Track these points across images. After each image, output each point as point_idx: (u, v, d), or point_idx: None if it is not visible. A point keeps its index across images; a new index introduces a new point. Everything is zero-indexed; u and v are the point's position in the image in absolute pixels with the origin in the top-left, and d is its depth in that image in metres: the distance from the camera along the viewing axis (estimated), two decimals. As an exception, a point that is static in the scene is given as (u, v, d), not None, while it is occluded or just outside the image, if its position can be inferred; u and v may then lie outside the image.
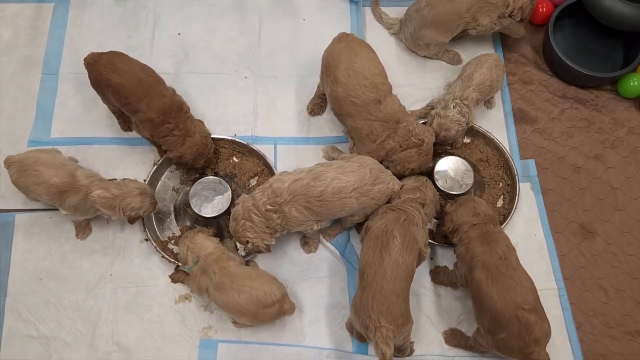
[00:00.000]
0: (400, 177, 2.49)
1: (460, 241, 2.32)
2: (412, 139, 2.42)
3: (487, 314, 2.16)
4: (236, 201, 2.36)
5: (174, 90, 2.49)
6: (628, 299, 2.55)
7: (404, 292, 2.14)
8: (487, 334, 2.19)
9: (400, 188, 2.42)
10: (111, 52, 2.44)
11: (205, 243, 2.32)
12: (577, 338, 2.46)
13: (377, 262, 2.14)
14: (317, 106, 2.80)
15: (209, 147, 2.54)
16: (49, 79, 2.85)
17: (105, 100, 2.53)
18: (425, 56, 2.96)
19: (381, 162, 2.45)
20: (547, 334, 2.11)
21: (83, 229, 2.54)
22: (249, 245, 2.31)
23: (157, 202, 2.46)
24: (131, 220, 2.38)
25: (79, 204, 2.33)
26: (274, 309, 2.23)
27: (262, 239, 2.30)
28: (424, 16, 2.76)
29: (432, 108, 2.67)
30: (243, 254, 2.49)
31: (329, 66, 2.46)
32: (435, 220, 2.61)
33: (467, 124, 2.59)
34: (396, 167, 2.47)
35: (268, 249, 2.33)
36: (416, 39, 2.85)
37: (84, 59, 2.43)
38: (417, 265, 2.28)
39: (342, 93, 2.40)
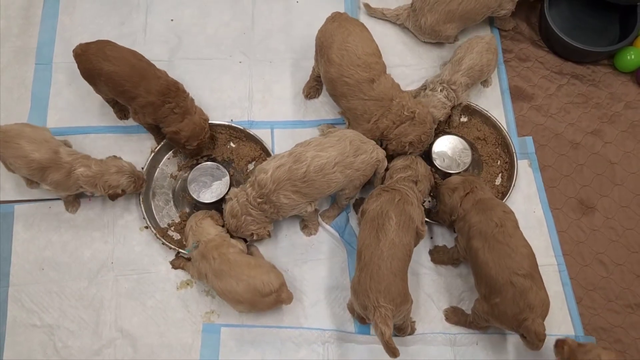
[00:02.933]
0: (395, 155, 2.48)
1: (459, 217, 2.32)
2: (405, 112, 2.39)
3: (483, 281, 2.18)
4: (227, 196, 2.38)
5: (165, 72, 2.48)
6: (627, 272, 2.56)
7: (402, 271, 2.15)
8: (484, 300, 2.20)
9: (389, 168, 2.43)
10: (99, 40, 2.43)
11: (208, 229, 2.33)
12: (577, 312, 2.48)
13: (374, 243, 2.15)
14: (312, 89, 2.78)
15: (206, 130, 2.53)
16: (42, 69, 2.83)
17: (98, 90, 2.52)
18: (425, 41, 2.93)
19: (380, 142, 2.44)
20: (544, 303, 2.10)
21: (72, 203, 2.55)
22: (254, 236, 2.35)
23: (142, 180, 2.47)
24: (111, 197, 2.40)
25: (61, 181, 2.35)
26: (271, 299, 2.24)
27: (264, 227, 2.35)
28: (451, 11, 2.70)
29: (426, 88, 2.66)
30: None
31: (322, 46, 2.45)
32: (433, 198, 2.62)
33: (451, 108, 2.59)
34: (393, 143, 2.44)
35: (270, 235, 2.40)
36: (437, 32, 2.78)
37: (73, 51, 2.42)
38: (415, 244, 2.29)
39: (336, 74, 2.39)
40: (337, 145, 2.26)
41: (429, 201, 2.62)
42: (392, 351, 2.01)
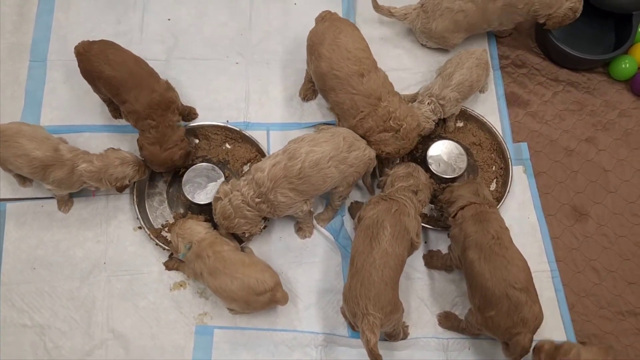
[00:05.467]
0: (383, 161, 2.48)
1: (454, 220, 2.32)
2: (391, 122, 2.38)
3: (478, 292, 2.18)
4: (217, 194, 2.32)
5: (167, 85, 2.45)
6: (619, 279, 2.58)
7: (393, 281, 2.15)
8: (478, 312, 2.20)
9: (390, 175, 2.42)
10: (103, 41, 2.41)
11: (196, 228, 2.31)
12: (569, 319, 2.49)
13: (367, 251, 2.15)
14: (309, 91, 2.78)
15: (161, 167, 2.46)
16: (37, 67, 2.80)
17: (97, 90, 2.50)
18: (424, 45, 2.94)
19: None
20: (537, 317, 2.11)
21: (65, 202, 2.53)
22: (246, 234, 2.34)
23: (144, 167, 2.45)
24: (119, 190, 2.39)
25: (64, 178, 2.33)
26: (266, 297, 2.23)
27: (255, 226, 2.34)
28: (457, 21, 2.72)
29: (414, 100, 2.66)
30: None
31: (313, 45, 2.46)
32: (430, 205, 2.62)
33: (436, 122, 2.61)
34: (372, 148, 2.42)
35: (261, 230, 2.39)
36: (446, 38, 2.80)
37: (75, 48, 2.39)
38: (409, 255, 2.29)
39: (326, 67, 2.39)
40: (330, 141, 2.27)
41: (432, 208, 2.63)
42: (375, 358, 2.00)
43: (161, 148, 2.40)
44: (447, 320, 2.45)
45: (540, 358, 2.11)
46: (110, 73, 2.32)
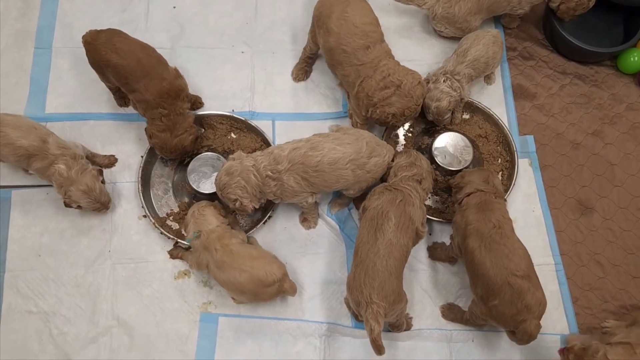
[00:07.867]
0: (385, 125, 2.46)
1: (460, 207, 2.32)
2: (390, 77, 2.36)
3: (480, 282, 2.17)
4: (231, 155, 2.31)
5: (176, 72, 2.44)
6: (624, 273, 2.58)
7: (397, 270, 2.14)
8: (481, 302, 2.20)
9: (393, 166, 2.41)
10: (110, 30, 2.40)
11: (210, 219, 2.31)
12: (573, 312, 2.49)
13: (371, 241, 2.14)
14: (301, 71, 2.79)
15: (172, 154, 2.47)
16: (42, 54, 2.80)
17: (104, 78, 2.49)
18: (440, 33, 2.91)
19: (367, 111, 2.43)
20: (541, 303, 2.11)
21: None
22: (237, 203, 2.26)
23: (105, 207, 2.44)
24: (66, 205, 2.38)
25: (41, 170, 2.33)
26: (274, 289, 2.24)
27: (250, 201, 2.27)
28: (480, 0, 2.71)
29: (429, 82, 2.65)
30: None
31: (320, 17, 2.46)
32: (435, 197, 2.62)
33: (459, 97, 2.57)
34: (377, 112, 2.40)
35: (253, 212, 2.33)
36: (468, 22, 2.77)
37: (82, 37, 2.39)
38: (414, 244, 2.29)
39: (334, 43, 2.40)
40: (354, 144, 2.28)
41: (437, 200, 2.63)
42: (378, 348, 2.01)
43: (172, 135, 2.40)
44: (451, 312, 2.45)
45: (569, 359, 2.10)
46: (118, 61, 2.31)
